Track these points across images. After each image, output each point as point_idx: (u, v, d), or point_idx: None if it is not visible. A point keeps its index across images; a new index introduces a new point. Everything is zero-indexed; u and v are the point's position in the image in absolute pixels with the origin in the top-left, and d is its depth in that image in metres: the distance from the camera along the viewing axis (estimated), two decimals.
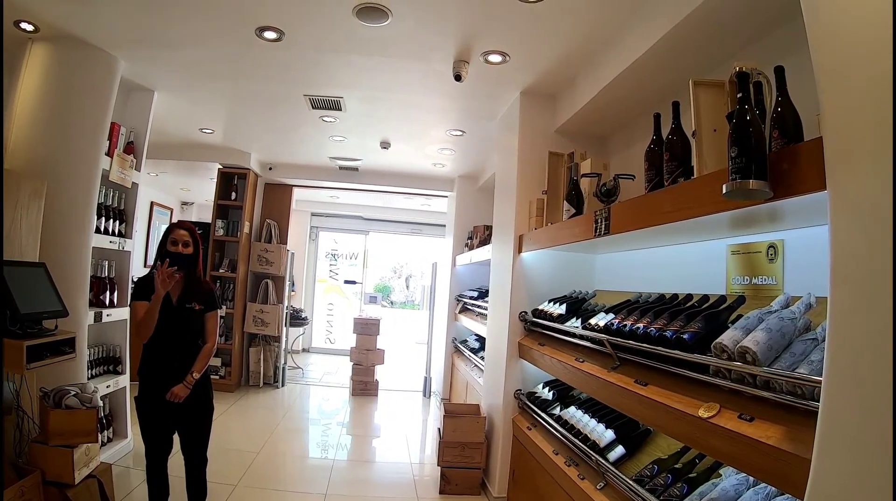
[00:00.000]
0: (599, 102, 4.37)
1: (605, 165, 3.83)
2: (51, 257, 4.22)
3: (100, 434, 4.36)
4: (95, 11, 4.23)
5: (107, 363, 5.37)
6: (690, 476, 2.56)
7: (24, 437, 3.84)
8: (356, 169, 9.35)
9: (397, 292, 23.92)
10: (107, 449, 4.98)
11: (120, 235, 5.33)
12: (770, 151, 1.88)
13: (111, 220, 5.19)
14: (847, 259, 1.40)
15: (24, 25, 4.45)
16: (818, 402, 1.50)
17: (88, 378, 4.90)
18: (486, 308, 6.22)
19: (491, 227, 6.84)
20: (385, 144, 7.54)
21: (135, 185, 5.55)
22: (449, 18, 3.94)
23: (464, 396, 7.39)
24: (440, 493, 5.19)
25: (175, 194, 12.71)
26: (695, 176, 2.43)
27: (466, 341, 8.18)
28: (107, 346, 5.39)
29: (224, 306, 8.89)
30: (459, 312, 8.53)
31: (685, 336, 2.39)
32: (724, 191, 1.86)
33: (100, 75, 4.92)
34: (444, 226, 10.69)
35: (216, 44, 4.64)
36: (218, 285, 9.02)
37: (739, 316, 2.38)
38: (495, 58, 4.46)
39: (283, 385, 9.57)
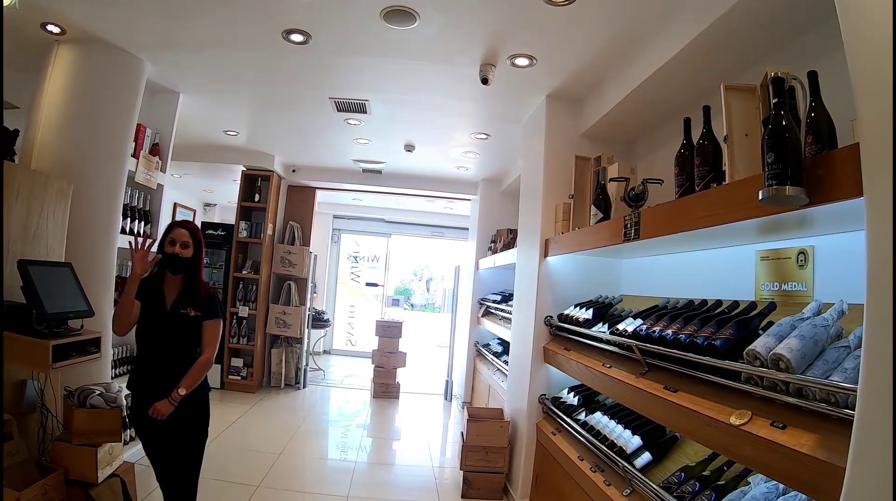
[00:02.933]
0: (626, 106, 4.35)
1: (632, 169, 3.81)
2: (77, 257, 4.26)
3: (123, 434, 4.41)
4: (122, 14, 4.29)
5: (131, 363, 5.41)
6: (718, 483, 2.54)
7: (47, 435, 3.88)
8: (379, 172, 9.38)
9: (418, 294, 23.93)
10: (129, 448, 5.02)
11: (145, 235, 5.38)
12: (804, 156, 1.86)
13: (136, 221, 5.26)
14: (884, 266, 1.38)
15: (50, 28, 4.51)
16: (852, 410, 1.49)
17: (112, 378, 4.95)
18: (509, 312, 6.21)
19: (515, 230, 6.83)
20: (409, 147, 7.56)
21: (160, 186, 5.64)
22: (476, 22, 3.95)
23: (486, 400, 7.38)
24: (462, 497, 5.19)
25: (198, 195, 12.84)
26: (726, 181, 2.41)
27: (489, 344, 8.17)
28: (131, 346, 5.44)
29: (247, 307, 8.97)
30: (482, 315, 8.53)
31: (717, 343, 2.38)
32: (760, 197, 1.85)
33: (126, 77, 4.99)
34: (466, 229, 10.70)
35: (242, 46, 4.69)
36: (241, 286, 9.11)
37: (770, 323, 2.37)
38: (522, 61, 4.46)
39: (304, 387, 9.63)
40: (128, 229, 5.08)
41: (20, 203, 3.78)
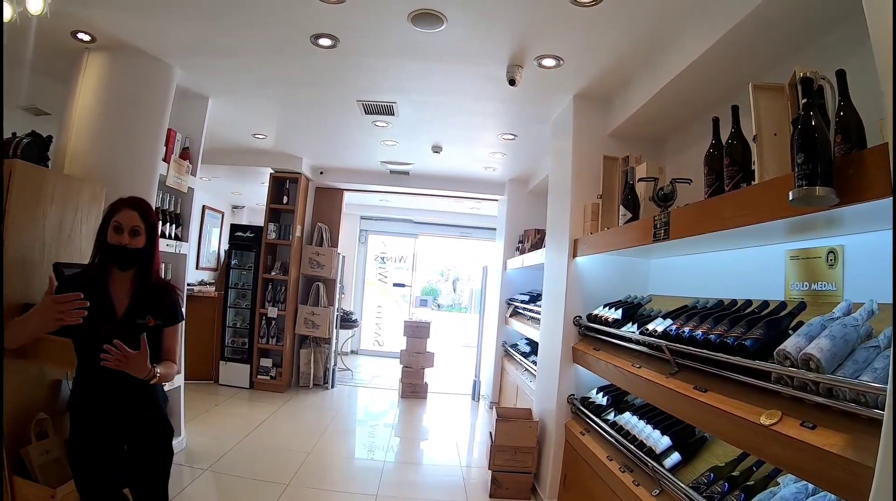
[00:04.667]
0: (654, 105, 4.34)
1: (660, 169, 3.81)
2: None
3: None
4: (152, 22, 4.38)
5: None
6: (748, 484, 2.53)
7: None
8: (407, 173, 9.43)
9: (444, 295, 23.95)
10: None
11: (176, 238, 5.49)
12: (834, 156, 1.86)
13: (168, 224, 5.37)
14: None
15: (80, 36, 4.62)
16: (882, 410, 1.49)
17: None
18: (537, 312, 6.21)
19: (542, 230, 6.83)
20: (437, 148, 7.60)
21: (190, 189, 5.75)
22: (503, 23, 3.96)
23: (514, 400, 7.39)
24: (490, 497, 5.20)
25: (226, 198, 13.01)
26: (756, 181, 2.41)
27: (517, 344, 8.16)
28: None
29: (276, 308, 9.07)
30: (510, 315, 8.52)
31: (747, 343, 2.37)
32: (790, 197, 1.85)
33: (156, 83, 5.09)
34: (493, 229, 10.71)
35: (271, 51, 4.75)
36: (270, 287, 9.24)
37: (800, 323, 2.36)
38: (549, 62, 4.47)
39: (332, 387, 9.71)
40: (159, 232, 5.14)
41: (55, 207, 3.87)
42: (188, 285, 6.93)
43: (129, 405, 2.70)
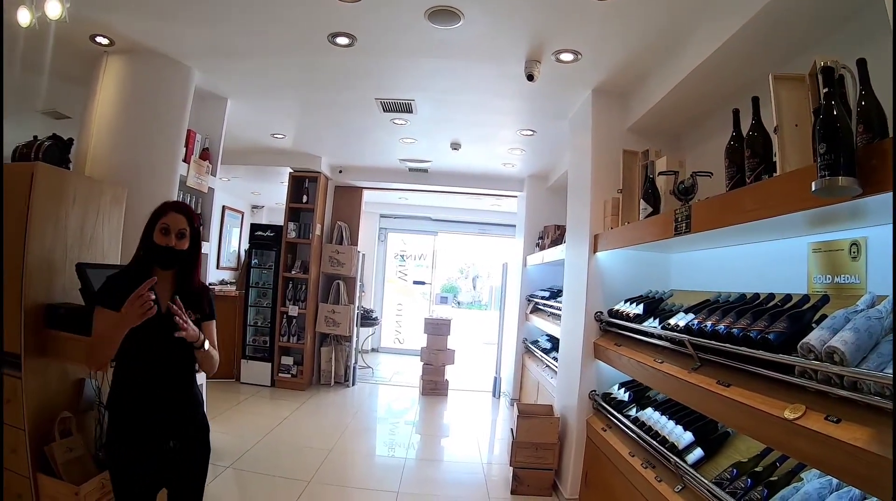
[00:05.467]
0: (673, 99, 4.31)
1: (680, 163, 3.78)
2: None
3: None
4: (170, 25, 4.43)
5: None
6: (771, 479, 2.51)
7: (104, 432, 3.99)
8: (426, 170, 9.44)
9: (464, 292, 23.95)
10: None
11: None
12: (856, 146, 1.83)
13: None
14: None
15: (99, 39, 4.69)
16: None
17: None
18: (558, 308, 6.19)
19: (562, 226, 6.81)
20: (455, 146, 7.59)
21: (211, 190, 5.80)
22: (520, 18, 3.95)
23: (534, 396, 7.37)
24: (512, 493, 5.20)
25: (246, 197, 13.11)
26: (777, 173, 2.38)
27: (538, 341, 8.15)
28: None
29: (297, 307, 9.13)
30: (530, 312, 8.50)
31: (770, 336, 2.35)
32: (813, 188, 1.83)
33: (175, 85, 5.15)
34: (513, 226, 10.66)
35: (288, 51, 4.78)
36: (290, 286, 9.30)
37: (824, 316, 2.33)
38: (567, 56, 4.44)
39: (353, 384, 9.77)
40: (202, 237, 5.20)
41: (77, 209, 3.93)
42: (209, 284, 6.97)
43: (173, 401, 2.73)
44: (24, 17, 3.65)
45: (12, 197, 3.54)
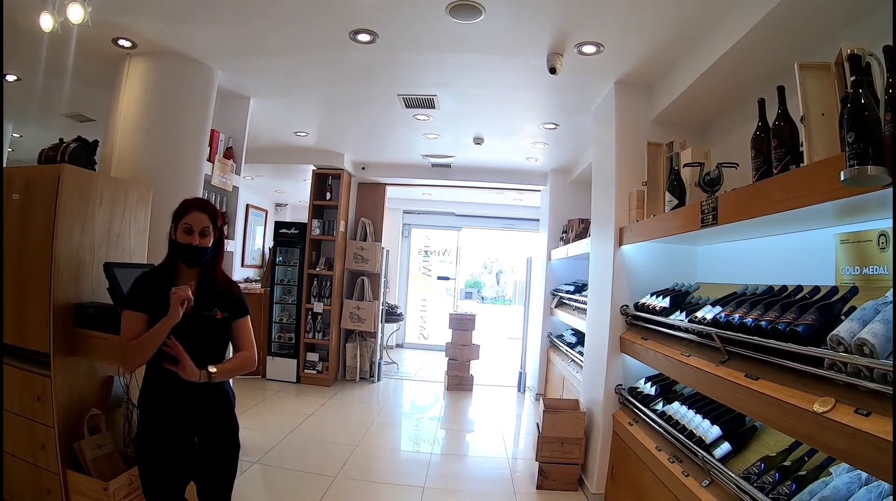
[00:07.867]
0: (697, 89, 4.26)
1: (706, 154, 3.73)
2: (159, 259, 4.40)
3: None
4: (191, 26, 4.48)
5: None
6: (799, 473, 2.48)
7: (132, 429, 4.04)
8: (449, 166, 9.42)
9: (488, 287, 23.95)
10: None
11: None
12: (884, 135, 1.80)
13: None
14: None
15: (122, 42, 4.75)
16: None
17: None
18: (583, 302, 6.16)
19: (586, 220, 6.78)
20: (478, 140, 7.57)
21: (235, 188, 5.86)
22: (541, 11, 3.92)
23: (560, 391, 7.35)
24: (537, 488, 5.19)
25: (269, 196, 13.22)
26: (805, 163, 2.35)
27: (563, 335, 8.12)
28: None
29: (322, 303, 9.17)
30: (555, 306, 8.47)
31: (799, 329, 2.31)
32: (842, 178, 1.80)
33: (198, 86, 5.20)
34: (537, 220, 10.62)
35: (310, 49, 4.80)
36: (315, 282, 9.36)
37: (853, 308, 2.29)
38: (589, 49, 4.41)
39: (378, 380, 9.81)
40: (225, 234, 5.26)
41: (103, 209, 4.00)
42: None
43: (204, 398, 2.75)
44: (46, 22, 3.70)
45: (40, 199, 3.60)
